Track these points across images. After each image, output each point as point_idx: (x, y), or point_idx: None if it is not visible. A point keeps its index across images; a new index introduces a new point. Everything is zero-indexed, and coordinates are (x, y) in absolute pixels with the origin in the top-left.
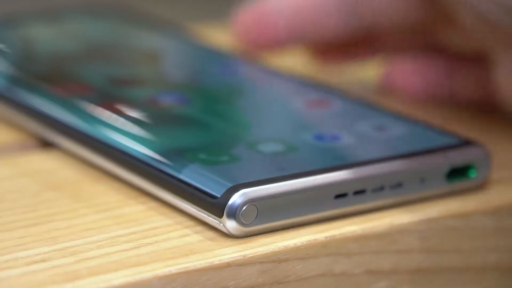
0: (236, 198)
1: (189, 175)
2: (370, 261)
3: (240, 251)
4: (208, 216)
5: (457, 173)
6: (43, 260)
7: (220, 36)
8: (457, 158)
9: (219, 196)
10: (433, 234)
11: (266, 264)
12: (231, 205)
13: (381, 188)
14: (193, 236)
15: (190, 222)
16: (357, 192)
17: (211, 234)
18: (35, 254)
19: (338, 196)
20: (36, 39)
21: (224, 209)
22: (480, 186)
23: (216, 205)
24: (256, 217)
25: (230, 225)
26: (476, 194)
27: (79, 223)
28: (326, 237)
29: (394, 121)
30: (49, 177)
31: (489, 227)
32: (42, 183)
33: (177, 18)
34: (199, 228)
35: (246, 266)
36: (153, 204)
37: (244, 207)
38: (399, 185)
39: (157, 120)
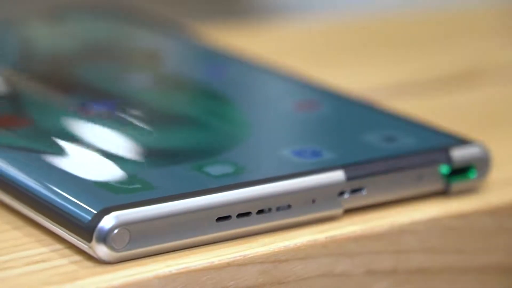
0: (107, 222)
1: (62, 196)
2: (370, 261)
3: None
4: (79, 241)
5: (457, 173)
6: (43, 260)
7: (220, 36)
8: (457, 158)
9: (89, 219)
10: (433, 234)
11: (266, 264)
12: (101, 229)
13: (269, 210)
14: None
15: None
16: (242, 215)
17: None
18: (35, 254)
19: (221, 219)
20: (36, 39)
21: (93, 234)
22: (480, 186)
23: (85, 229)
24: (128, 241)
25: (100, 250)
26: (476, 194)
27: None
28: (326, 237)
29: (393, 121)
30: None
31: (489, 227)
32: None
33: (177, 18)
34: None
35: (246, 266)
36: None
37: (115, 231)
38: (287, 207)
39: (48, 134)
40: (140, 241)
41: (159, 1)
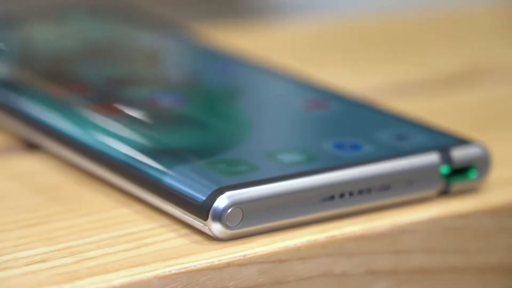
0: (221, 201)
1: (175, 177)
2: (370, 261)
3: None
4: (193, 219)
5: (457, 173)
6: (43, 260)
7: (220, 36)
8: (457, 158)
9: (204, 198)
10: (433, 234)
11: (266, 264)
12: (216, 208)
13: (369, 190)
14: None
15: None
16: (344, 195)
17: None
18: (35, 254)
19: (326, 199)
20: (36, 38)
21: (209, 212)
22: (480, 186)
23: (201, 208)
24: (241, 220)
25: (215, 228)
26: (476, 194)
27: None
28: (326, 237)
29: (394, 121)
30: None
31: (489, 227)
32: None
33: (177, 18)
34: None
35: (246, 266)
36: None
37: (229, 210)
38: (386, 187)
39: (147, 121)
40: (252, 219)
41: (159, 1)
